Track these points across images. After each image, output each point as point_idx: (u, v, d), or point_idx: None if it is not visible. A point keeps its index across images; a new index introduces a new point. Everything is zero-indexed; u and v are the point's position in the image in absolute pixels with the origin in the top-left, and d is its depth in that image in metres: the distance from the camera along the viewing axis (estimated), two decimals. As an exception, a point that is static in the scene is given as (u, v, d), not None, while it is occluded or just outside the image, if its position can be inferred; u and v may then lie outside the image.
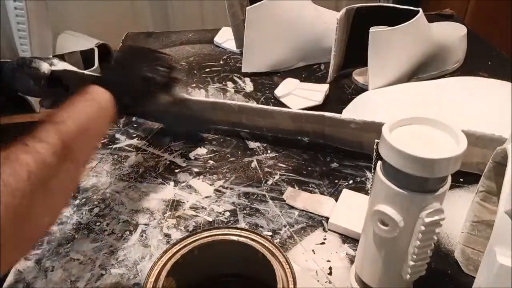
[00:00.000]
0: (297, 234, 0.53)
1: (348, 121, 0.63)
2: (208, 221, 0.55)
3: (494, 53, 0.98)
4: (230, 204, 0.57)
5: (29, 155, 0.36)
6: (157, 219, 0.55)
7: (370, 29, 0.75)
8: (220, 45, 1.04)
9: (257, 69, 0.90)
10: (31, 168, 0.35)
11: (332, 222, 0.53)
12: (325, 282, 0.47)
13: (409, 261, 0.37)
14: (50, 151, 0.37)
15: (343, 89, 0.85)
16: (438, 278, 0.47)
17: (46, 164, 0.36)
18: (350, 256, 0.50)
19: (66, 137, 0.40)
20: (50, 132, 0.39)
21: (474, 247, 0.47)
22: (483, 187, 0.45)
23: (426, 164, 0.32)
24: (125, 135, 0.72)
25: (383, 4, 0.84)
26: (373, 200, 0.38)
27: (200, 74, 0.92)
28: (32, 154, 0.36)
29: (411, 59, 0.79)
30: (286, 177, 0.62)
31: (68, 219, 0.55)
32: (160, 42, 1.07)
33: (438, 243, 0.51)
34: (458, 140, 0.34)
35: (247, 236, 0.42)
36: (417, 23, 0.76)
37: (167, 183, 0.62)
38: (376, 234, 0.38)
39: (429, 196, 0.35)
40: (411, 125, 0.37)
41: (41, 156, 0.36)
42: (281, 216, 0.55)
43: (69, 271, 0.48)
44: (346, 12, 0.79)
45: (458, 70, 0.90)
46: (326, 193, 0.59)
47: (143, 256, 0.50)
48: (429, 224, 0.35)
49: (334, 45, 0.80)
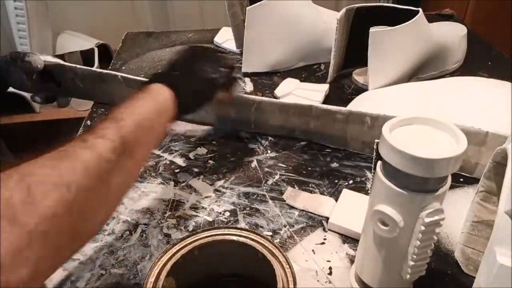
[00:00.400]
0: (297, 234, 0.53)
1: (334, 111, 0.64)
2: (208, 221, 0.55)
3: (494, 53, 0.98)
4: (230, 204, 0.57)
5: (88, 150, 0.36)
6: (157, 219, 0.55)
7: (370, 29, 0.75)
8: (220, 45, 1.04)
9: (257, 69, 0.90)
10: (89, 163, 0.35)
11: (332, 222, 0.53)
12: (325, 282, 0.47)
13: (409, 261, 0.37)
14: (109, 147, 0.37)
15: (343, 89, 0.85)
16: (438, 278, 0.47)
17: (104, 160, 0.36)
18: (350, 256, 0.50)
19: (124, 133, 0.39)
20: (109, 129, 0.39)
21: (474, 247, 0.47)
22: (483, 187, 0.45)
23: (426, 164, 0.32)
24: (125, 135, 0.72)
25: (383, 4, 0.84)
26: (373, 200, 0.38)
27: (200, 74, 0.92)
28: (90, 150, 0.36)
29: (411, 59, 0.79)
30: (286, 177, 0.62)
31: (68, 219, 0.55)
32: (160, 42, 1.07)
33: (438, 243, 0.51)
34: (458, 140, 0.34)
35: (247, 236, 0.42)
36: (417, 23, 0.76)
37: (167, 183, 0.62)
38: (376, 234, 0.38)
39: (429, 196, 0.35)
40: (411, 125, 0.37)
41: (100, 152, 0.36)
42: (281, 216, 0.55)
43: (69, 271, 0.48)
44: (346, 12, 0.79)
45: (458, 70, 0.90)
46: (326, 193, 0.59)
47: (143, 256, 0.50)
48: (429, 224, 0.35)
49: (334, 45, 0.80)
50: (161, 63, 0.96)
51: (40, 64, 0.69)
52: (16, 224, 0.29)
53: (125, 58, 0.99)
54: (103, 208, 0.38)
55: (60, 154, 0.35)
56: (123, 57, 0.99)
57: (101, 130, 0.39)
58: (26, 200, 0.30)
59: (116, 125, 0.40)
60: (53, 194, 0.32)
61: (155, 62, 0.97)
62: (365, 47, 0.76)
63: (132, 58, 0.99)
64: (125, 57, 0.99)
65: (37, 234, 0.30)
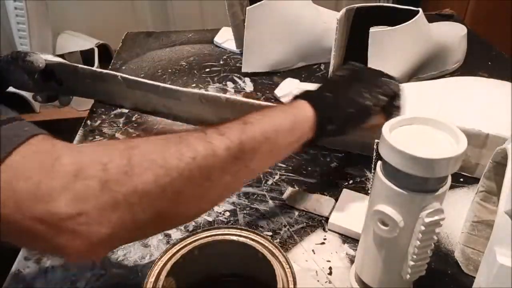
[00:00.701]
0: (297, 234, 0.53)
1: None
2: (208, 221, 0.55)
3: (494, 53, 0.98)
4: (230, 204, 0.57)
5: (202, 142, 0.36)
6: (157, 219, 0.55)
7: (370, 29, 0.75)
8: (220, 45, 1.04)
9: (257, 69, 0.90)
10: (197, 154, 0.35)
11: (332, 222, 0.53)
12: (325, 282, 0.47)
13: (409, 261, 0.37)
14: (225, 146, 0.37)
15: (343, 89, 0.85)
16: (438, 278, 0.47)
17: (214, 156, 0.36)
18: (350, 256, 0.50)
19: (246, 138, 0.38)
20: (233, 129, 0.39)
21: (474, 247, 0.47)
22: (483, 187, 0.45)
23: (426, 164, 0.32)
24: (125, 134, 0.72)
25: (383, 4, 0.84)
26: (373, 200, 0.38)
27: (200, 74, 0.92)
28: (204, 142, 0.36)
29: (411, 59, 0.79)
30: (286, 177, 0.62)
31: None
32: (160, 42, 1.07)
33: (438, 243, 0.51)
34: (458, 140, 0.34)
35: (247, 236, 0.42)
36: (417, 23, 0.76)
37: (167, 183, 0.61)
38: (376, 234, 0.38)
39: (429, 196, 0.35)
40: (411, 125, 0.37)
41: (213, 147, 0.36)
42: (281, 216, 0.55)
43: (69, 271, 0.48)
44: (346, 12, 0.79)
45: (458, 70, 0.90)
46: (326, 193, 0.59)
47: (143, 256, 0.50)
48: (429, 224, 0.35)
49: (334, 45, 0.80)
50: (161, 63, 0.96)
51: (42, 63, 0.69)
52: (106, 189, 0.31)
53: (125, 58, 0.99)
54: (200, 201, 0.37)
55: (173, 138, 0.36)
56: (123, 57, 0.99)
57: (225, 128, 0.38)
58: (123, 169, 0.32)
59: (241, 127, 0.39)
60: (150, 172, 0.32)
61: (155, 62, 0.97)
62: (365, 47, 0.76)
63: (132, 58, 0.99)
64: (125, 57, 0.99)
65: (124, 204, 0.31)
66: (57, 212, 0.30)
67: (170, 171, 0.33)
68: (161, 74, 0.92)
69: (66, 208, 0.30)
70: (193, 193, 0.36)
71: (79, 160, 0.31)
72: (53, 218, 0.30)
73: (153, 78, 0.82)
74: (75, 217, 0.30)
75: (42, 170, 0.30)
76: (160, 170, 0.33)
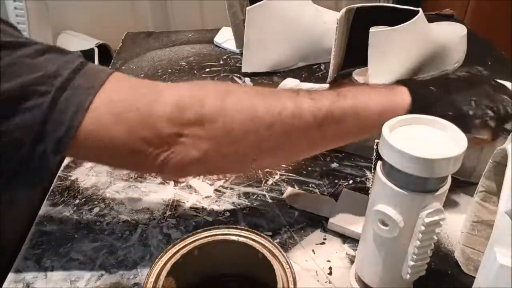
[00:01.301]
0: (297, 234, 0.53)
1: None
2: (208, 221, 0.55)
3: (494, 53, 0.98)
4: (230, 204, 0.57)
5: (292, 102, 0.38)
6: (157, 219, 0.55)
7: (370, 29, 0.75)
8: (220, 45, 1.04)
9: (257, 69, 0.90)
10: (285, 111, 0.38)
11: (332, 222, 0.53)
12: (325, 282, 0.47)
13: (409, 261, 0.37)
14: (312, 110, 0.38)
15: (343, 89, 0.85)
16: (438, 278, 0.47)
17: (300, 118, 0.38)
18: (350, 256, 0.50)
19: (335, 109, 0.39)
20: (325, 97, 0.40)
21: (474, 247, 0.47)
22: (483, 187, 0.45)
23: (426, 164, 0.32)
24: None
25: (383, 4, 0.84)
26: (373, 200, 0.38)
27: (200, 74, 0.92)
28: (294, 103, 0.38)
29: (411, 59, 0.79)
30: (286, 177, 0.62)
31: (68, 219, 0.55)
32: (160, 42, 1.07)
33: (438, 243, 0.51)
34: (458, 140, 0.34)
35: (247, 236, 0.42)
36: (417, 23, 0.76)
37: (167, 183, 0.62)
38: (376, 234, 0.38)
39: (429, 196, 0.35)
40: (411, 125, 0.37)
41: (301, 109, 0.38)
42: (281, 216, 0.55)
43: (69, 271, 0.48)
44: (346, 12, 0.79)
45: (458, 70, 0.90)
46: (326, 193, 0.59)
47: (143, 256, 0.50)
48: (429, 224, 0.35)
49: (334, 45, 0.80)
50: (161, 63, 0.96)
51: None
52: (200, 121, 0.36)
53: (125, 58, 0.99)
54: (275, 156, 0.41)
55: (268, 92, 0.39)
56: (123, 57, 0.99)
57: (318, 95, 0.39)
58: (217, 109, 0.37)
59: (333, 98, 0.40)
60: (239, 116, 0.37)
61: (155, 62, 0.97)
62: (365, 47, 0.75)
63: (132, 58, 0.99)
64: (125, 57, 0.99)
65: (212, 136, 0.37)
66: (161, 136, 0.36)
67: (253, 120, 0.37)
68: (161, 74, 0.92)
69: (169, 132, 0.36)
70: (272, 145, 0.39)
71: (180, 93, 0.37)
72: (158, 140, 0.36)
73: (153, 78, 0.82)
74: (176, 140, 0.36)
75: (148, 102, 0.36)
76: (247, 116, 0.37)
